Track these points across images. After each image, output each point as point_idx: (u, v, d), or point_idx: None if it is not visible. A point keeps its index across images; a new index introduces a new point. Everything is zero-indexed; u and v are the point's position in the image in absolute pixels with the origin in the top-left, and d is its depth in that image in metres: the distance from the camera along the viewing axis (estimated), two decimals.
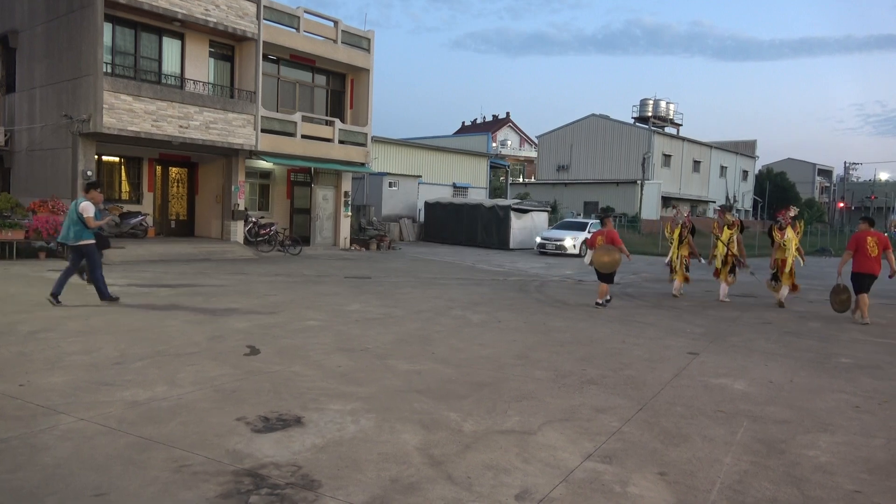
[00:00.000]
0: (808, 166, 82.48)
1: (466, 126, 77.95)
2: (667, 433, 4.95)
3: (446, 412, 5.20)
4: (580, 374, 6.65)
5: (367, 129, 23.43)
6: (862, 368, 7.45)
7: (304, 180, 23.32)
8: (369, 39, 23.25)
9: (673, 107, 56.72)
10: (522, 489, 3.84)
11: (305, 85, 22.74)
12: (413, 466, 4.10)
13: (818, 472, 4.31)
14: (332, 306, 10.39)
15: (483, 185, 35.88)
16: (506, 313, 10.44)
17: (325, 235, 23.30)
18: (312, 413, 5.02)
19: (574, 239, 24.47)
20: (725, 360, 7.65)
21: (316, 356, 6.90)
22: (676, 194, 51.81)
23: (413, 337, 8.19)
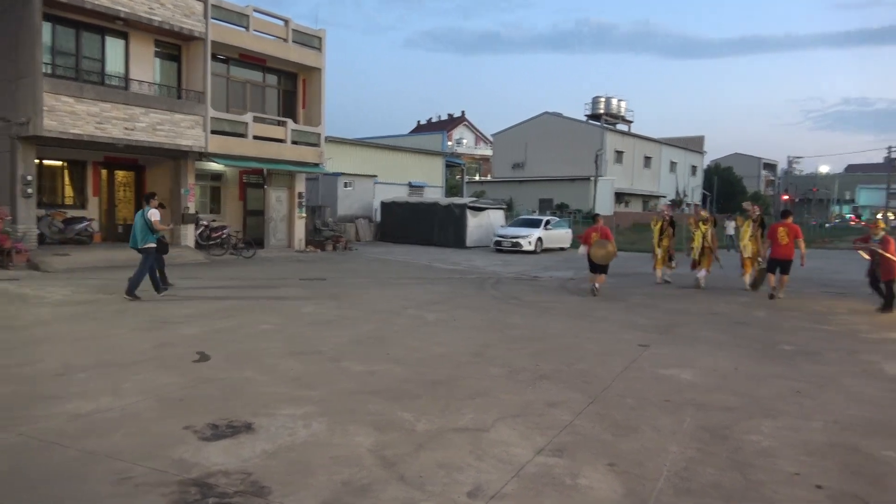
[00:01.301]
0: (754, 161, 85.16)
1: (422, 125, 77.88)
2: (617, 425, 5.04)
3: (400, 412, 5.19)
4: (534, 369, 6.71)
5: (320, 129, 23.18)
6: (803, 355, 7.73)
7: (256, 182, 22.93)
8: (321, 38, 22.99)
9: (624, 104, 57.84)
10: (475, 486, 3.86)
11: (256, 85, 22.36)
12: (365, 468, 4.08)
13: (760, 456, 4.45)
14: (286, 309, 10.26)
15: (439, 184, 35.90)
16: (462, 311, 10.48)
17: (279, 237, 22.97)
18: (263, 419, 4.94)
19: (530, 236, 24.70)
20: (674, 351, 7.83)
21: (268, 361, 6.80)
22: (629, 190, 52.84)
23: (368, 338, 8.15)
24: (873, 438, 4.85)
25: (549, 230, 25.80)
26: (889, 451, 4.59)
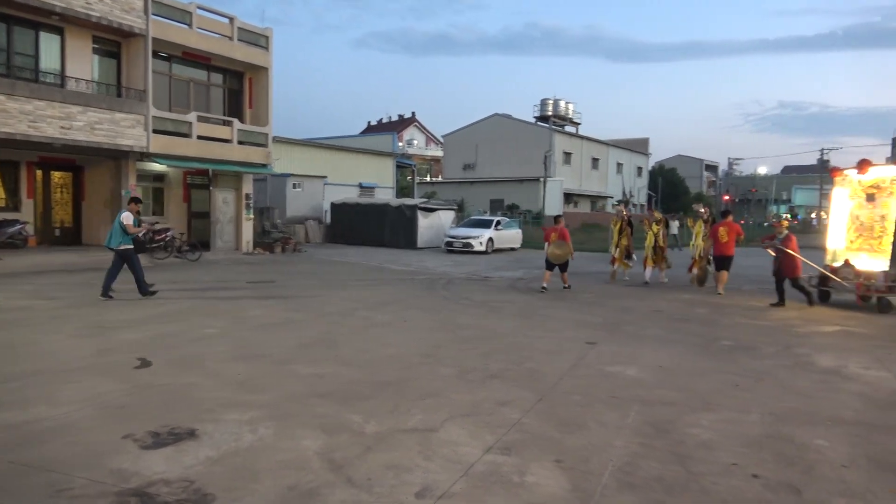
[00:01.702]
0: (697, 162, 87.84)
1: (372, 126, 77.50)
2: (564, 422, 5.12)
3: (349, 415, 5.15)
4: (484, 369, 6.76)
5: (267, 129, 22.80)
6: (741, 349, 8.02)
7: (201, 183, 22.40)
8: (268, 37, 22.63)
9: (572, 106, 58.79)
10: (423, 486, 3.87)
11: (200, 84, 21.84)
12: (313, 472, 4.03)
13: (700, 448, 4.60)
14: (232, 313, 10.05)
15: (390, 185, 35.78)
16: (412, 312, 10.47)
17: (226, 240, 22.48)
18: (207, 425, 4.83)
19: (481, 236, 24.85)
20: (620, 348, 8.01)
21: (212, 365, 6.65)
22: (577, 191, 53.77)
23: (317, 340, 8.06)
24: (806, 428, 5.07)
25: (499, 231, 26.01)
26: (820, 440, 4.80)
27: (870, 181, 12.14)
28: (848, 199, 12.64)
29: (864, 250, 12.14)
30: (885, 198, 11.84)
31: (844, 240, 12.61)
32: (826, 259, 12.77)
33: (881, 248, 11.76)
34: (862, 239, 12.27)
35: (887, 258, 11.44)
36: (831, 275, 12.05)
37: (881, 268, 11.48)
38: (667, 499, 3.78)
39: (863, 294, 11.53)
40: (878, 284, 11.30)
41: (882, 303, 11.33)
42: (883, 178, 11.93)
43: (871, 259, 11.87)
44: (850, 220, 12.60)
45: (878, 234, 11.93)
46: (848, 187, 12.65)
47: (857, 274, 11.68)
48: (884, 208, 11.87)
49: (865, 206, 12.24)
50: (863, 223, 12.31)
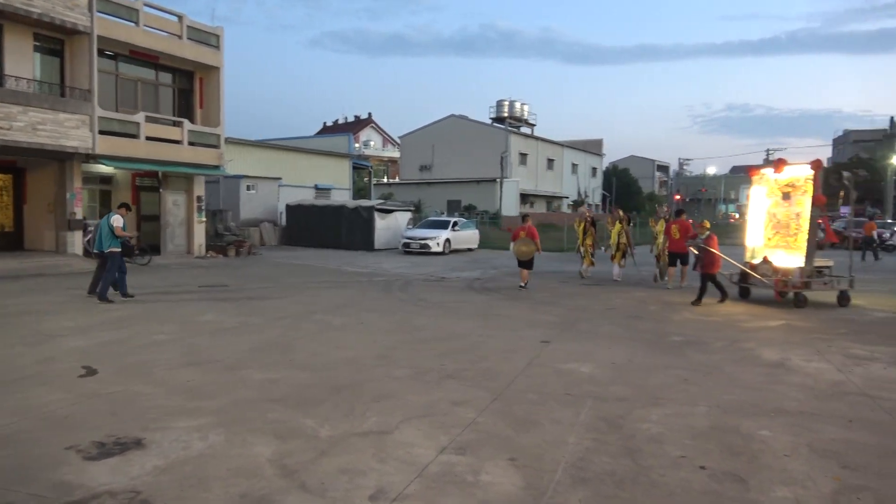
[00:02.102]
0: (649, 163, 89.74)
1: (328, 127, 76.78)
2: (518, 420, 5.17)
3: (302, 419, 5.09)
4: (439, 369, 6.77)
5: (219, 129, 22.36)
6: (690, 344, 8.22)
7: (151, 185, 21.81)
8: (218, 36, 22.19)
9: (527, 108, 59.36)
10: (377, 489, 3.85)
11: (149, 83, 21.27)
12: (265, 479, 3.97)
13: (650, 442, 4.70)
14: (183, 318, 9.82)
15: (346, 187, 35.49)
16: (369, 314, 10.41)
17: (177, 243, 21.95)
18: (155, 433, 4.70)
19: (438, 237, 24.88)
20: (574, 346, 8.12)
21: (161, 372, 6.49)
22: (533, 191, 54.32)
23: (270, 345, 7.94)
24: (750, 419, 5.23)
25: (456, 231, 26.10)
26: (764, 431, 4.96)
27: (785, 180, 12.50)
28: (765, 198, 13.03)
29: (780, 247, 12.52)
30: (799, 196, 12.19)
31: (762, 237, 12.99)
32: (746, 256, 13.10)
33: (797, 244, 12.12)
34: (779, 236, 12.66)
35: (803, 255, 11.79)
36: (751, 272, 12.34)
37: (797, 264, 11.81)
38: (618, 492, 3.85)
39: (780, 290, 11.90)
40: (794, 280, 11.63)
41: (798, 298, 11.65)
42: (798, 177, 12.27)
43: (787, 256, 12.23)
44: (767, 217, 12.97)
45: (793, 231, 12.30)
46: (765, 186, 13.04)
47: (774, 270, 11.98)
48: (798, 206, 12.21)
49: (782, 204, 12.59)
50: (779, 221, 12.66)
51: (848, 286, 11.93)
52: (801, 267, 11.69)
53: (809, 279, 11.59)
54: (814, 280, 11.66)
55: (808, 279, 11.57)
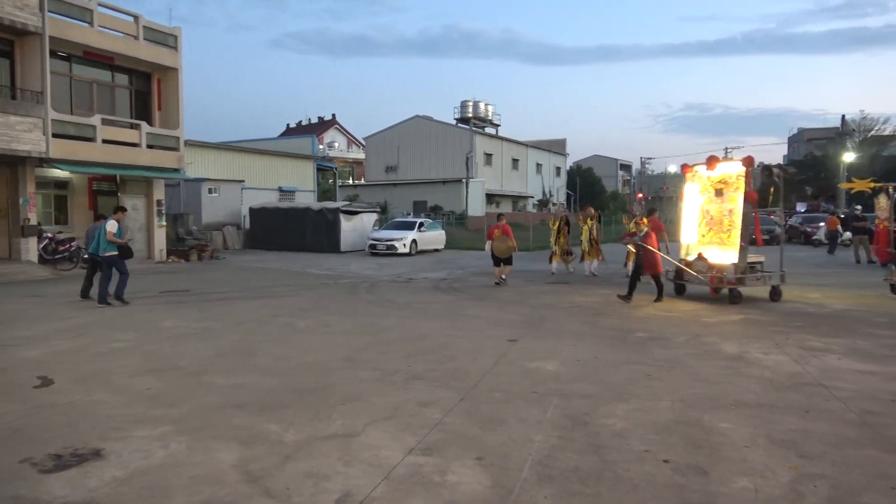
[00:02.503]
0: (612, 162, 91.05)
1: (291, 128, 76.02)
2: (485, 419, 5.18)
3: (267, 424, 5.02)
4: (406, 371, 6.75)
5: (178, 132, 21.95)
6: (653, 340, 8.36)
7: (108, 189, 21.30)
8: (176, 36, 21.79)
9: (491, 108, 59.67)
10: (343, 493, 3.81)
11: (104, 85, 20.77)
12: (229, 486, 3.91)
13: (615, 438, 4.76)
14: (143, 324, 9.61)
15: (311, 188, 35.19)
16: (334, 317, 10.33)
17: (136, 248, 21.25)
18: (114, 443, 4.59)
19: (405, 238, 24.82)
20: (540, 344, 8.18)
21: (121, 380, 6.33)
22: (499, 191, 54.62)
23: (234, 350, 7.82)
24: (712, 412, 5.33)
25: (423, 232, 26.08)
26: (725, 423, 5.06)
27: (718, 177, 12.48)
28: (698, 195, 13.03)
29: (714, 244, 12.51)
30: (731, 193, 12.19)
31: (696, 234, 12.99)
32: (681, 253, 13.12)
33: (730, 241, 12.13)
34: (712, 233, 12.64)
35: (736, 251, 11.83)
36: (686, 268, 12.34)
37: (731, 260, 11.83)
38: (583, 488, 3.89)
39: (716, 286, 11.94)
40: (729, 277, 11.63)
41: (733, 294, 11.65)
42: (730, 174, 12.27)
43: (721, 252, 12.24)
44: (700, 214, 12.94)
45: (727, 227, 12.29)
46: (698, 183, 13.04)
47: (710, 267, 11.99)
48: (731, 203, 12.20)
49: (714, 200, 12.59)
50: (713, 217, 12.64)
51: (780, 281, 12.06)
52: (735, 263, 11.71)
53: (743, 275, 11.65)
54: (748, 276, 11.74)
55: (743, 275, 11.63)
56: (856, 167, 42.86)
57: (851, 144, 46.66)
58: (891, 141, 50.80)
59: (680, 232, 13.52)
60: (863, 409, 5.38)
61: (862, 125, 50.45)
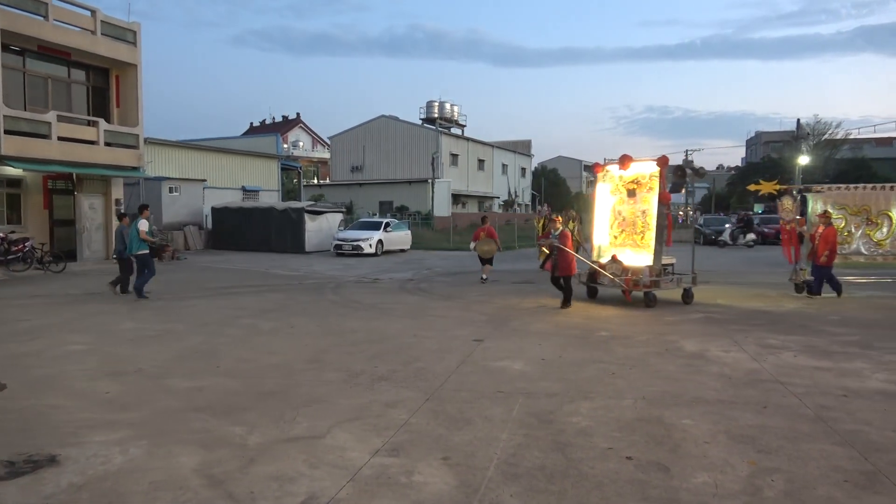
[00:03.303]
0: (576, 163, 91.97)
1: (255, 127, 74.95)
2: (451, 419, 5.19)
3: (230, 427, 4.94)
4: (372, 371, 6.72)
5: (138, 129, 21.44)
6: (617, 339, 8.48)
7: (65, 188, 20.70)
8: (135, 32, 21.28)
9: (457, 109, 59.77)
10: (308, 495, 3.78)
11: (60, 80, 20.17)
12: (190, 490, 3.83)
13: (580, 435, 4.81)
14: (102, 326, 9.37)
15: (275, 188, 34.74)
16: (299, 318, 10.22)
17: (94, 249, 20.91)
18: (71, 449, 4.46)
19: (370, 238, 24.69)
20: (506, 343, 8.23)
21: (78, 384, 6.16)
22: (465, 192, 54.74)
23: (195, 352, 7.68)
24: (673, 409, 5.43)
25: (389, 232, 25.98)
26: (686, 420, 5.17)
27: (630, 176, 12.09)
28: (610, 195, 12.61)
29: (627, 245, 12.14)
30: (644, 193, 11.83)
31: (609, 235, 12.61)
32: (593, 255, 12.82)
33: (644, 243, 11.83)
34: (625, 234, 12.26)
35: (650, 253, 11.57)
36: (601, 270, 11.90)
37: (645, 263, 11.58)
38: (548, 486, 3.92)
39: (631, 289, 11.59)
40: (644, 279, 11.33)
41: (649, 297, 11.38)
42: (643, 174, 11.90)
43: (634, 254, 11.92)
44: (613, 215, 12.52)
45: (640, 229, 11.93)
46: (610, 183, 12.63)
47: (624, 269, 11.59)
48: (644, 203, 11.85)
49: (627, 201, 12.17)
50: (625, 218, 12.22)
51: (691, 283, 11.94)
52: (649, 266, 11.44)
53: (658, 278, 11.42)
54: (662, 279, 11.53)
55: (658, 278, 11.41)
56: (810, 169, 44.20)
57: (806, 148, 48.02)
58: (843, 145, 52.49)
59: (592, 233, 13.15)
60: (817, 405, 5.55)
61: (816, 129, 52.04)
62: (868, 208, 13.28)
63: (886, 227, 13.23)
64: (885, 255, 13.33)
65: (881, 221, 13.24)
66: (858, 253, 13.31)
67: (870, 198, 13.40)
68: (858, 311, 10.97)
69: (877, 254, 13.33)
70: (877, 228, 13.26)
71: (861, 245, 13.27)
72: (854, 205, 13.37)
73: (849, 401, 5.68)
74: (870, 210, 13.27)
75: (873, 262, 13.45)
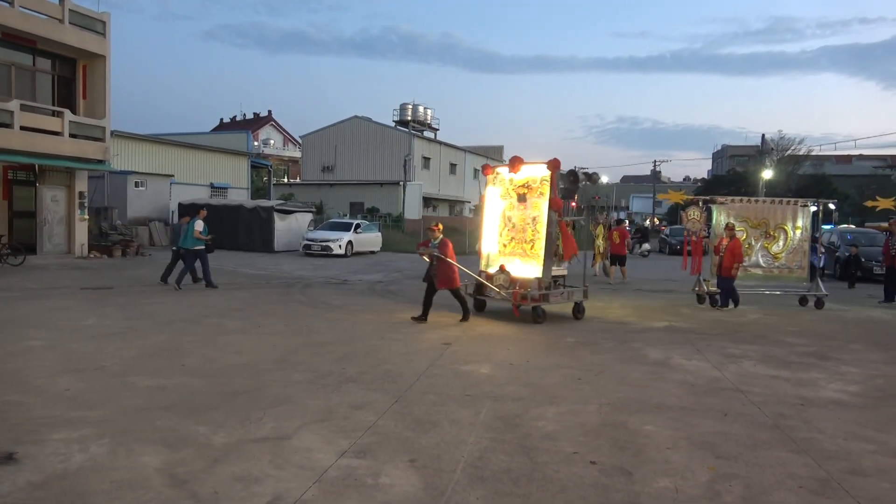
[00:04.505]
0: None
1: (225, 123, 73.98)
2: (418, 421, 5.21)
3: (194, 427, 4.88)
4: (339, 373, 6.70)
5: (104, 121, 20.99)
6: (583, 345, 8.59)
7: (26, 179, 20.16)
8: (104, 22, 20.84)
9: (430, 112, 59.84)
10: (274, 496, 3.76)
11: (25, 69, 19.65)
12: (153, 490, 3.78)
13: (545, 440, 4.87)
14: (62, 322, 9.16)
15: (244, 186, 34.34)
16: (266, 318, 10.13)
17: (56, 242, 20.41)
18: (29, 447, 4.36)
19: (340, 239, 24.56)
20: (474, 347, 8.27)
21: (37, 381, 6.02)
22: (436, 195, 54.78)
23: (160, 350, 7.55)
24: (637, 415, 5.53)
25: (359, 234, 25.89)
26: (649, 426, 5.27)
27: (521, 180, 11.10)
28: (499, 199, 11.55)
29: (517, 255, 11.06)
30: (535, 198, 10.83)
31: (498, 243, 11.47)
32: (480, 265, 11.66)
33: (534, 252, 10.78)
34: (515, 242, 11.14)
35: (540, 264, 10.56)
36: (487, 282, 10.91)
37: (534, 274, 10.54)
38: (514, 489, 3.97)
39: (519, 303, 10.45)
40: (533, 293, 10.27)
41: (537, 312, 10.31)
42: (534, 178, 10.90)
43: (524, 264, 10.89)
44: (502, 221, 11.43)
45: (530, 237, 10.86)
46: (500, 186, 11.58)
47: (512, 281, 10.60)
48: (535, 210, 10.82)
49: (517, 206, 11.13)
50: (515, 225, 11.16)
51: (583, 297, 11.12)
52: (538, 278, 10.43)
53: (548, 291, 10.48)
54: (552, 292, 10.59)
55: (547, 291, 10.46)
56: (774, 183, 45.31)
57: (770, 162, 49.24)
58: (805, 161, 53.93)
59: (480, 241, 11.95)
60: (775, 413, 5.71)
61: (780, 144, 53.34)
62: (767, 221, 13.44)
63: (783, 240, 13.46)
64: (781, 268, 13.51)
65: (778, 235, 13.45)
66: (757, 265, 13.43)
67: (769, 211, 13.58)
68: (816, 323, 11.30)
69: (773, 266, 13.50)
70: (774, 241, 13.46)
71: (760, 258, 13.44)
72: (755, 218, 13.47)
73: (805, 409, 5.86)
74: (768, 223, 13.44)
75: (770, 275, 13.53)
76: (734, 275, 12.39)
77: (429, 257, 10.47)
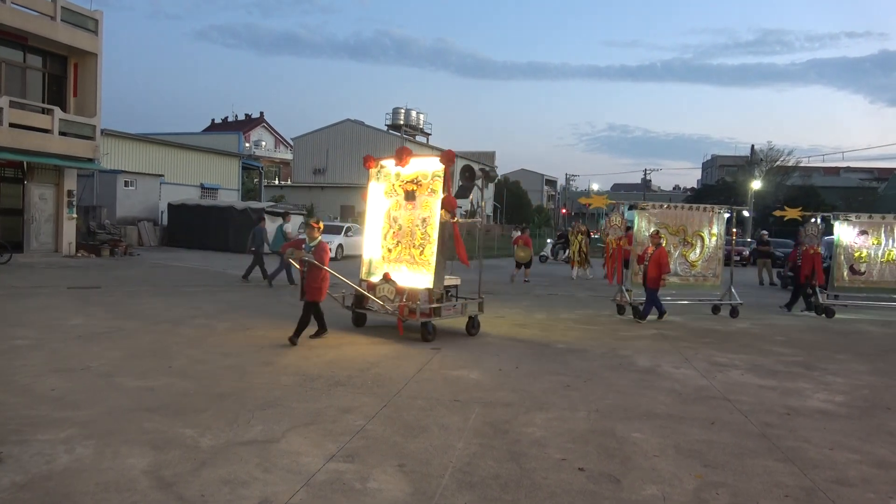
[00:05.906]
0: (538, 177, 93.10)
1: (217, 124, 73.71)
2: (407, 426, 5.20)
3: (181, 429, 4.85)
4: (328, 376, 6.68)
5: (95, 120, 20.88)
6: (572, 352, 8.61)
7: (14, 176, 19.99)
8: (97, 20, 20.76)
9: (423, 117, 59.90)
10: (261, 499, 3.74)
11: (15, 65, 19.52)
12: (139, 492, 3.75)
13: (534, 446, 4.88)
14: (48, 321, 9.07)
15: (235, 187, 34.22)
16: (255, 320, 10.08)
17: (43, 241, 20.24)
18: (13, 447, 4.31)
19: (330, 242, 24.47)
20: (463, 353, 8.27)
21: (22, 380, 5.96)
22: None
23: (147, 351, 7.50)
24: (625, 423, 5.55)
25: (349, 237, 25.84)
26: (637, 433, 5.28)
27: (410, 175, 9.64)
28: (384, 197, 10.00)
29: (404, 261, 9.54)
30: (426, 196, 9.38)
31: (382, 248, 9.90)
32: (361, 272, 10.10)
33: (423, 258, 9.26)
34: (401, 247, 9.61)
35: (431, 272, 9.09)
36: (368, 293, 9.45)
37: (424, 284, 9.06)
38: (502, 495, 3.97)
39: (405, 318, 8.95)
40: (422, 306, 8.81)
41: (426, 329, 8.97)
42: (424, 173, 9.49)
43: (411, 273, 9.37)
44: (387, 222, 9.86)
45: (419, 241, 9.35)
46: (384, 182, 10.06)
47: (398, 292, 9.11)
48: (425, 210, 9.35)
49: (404, 205, 9.64)
50: (402, 227, 9.63)
51: (478, 310, 9.87)
52: (429, 288, 8.98)
53: (440, 304, 9.07)
54: (444, 305, 9.19)
55: (439, 304, 9.06)
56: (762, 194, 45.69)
57: (759, 173, 49.65)
58: (793, 172, 54.42)
59: (361, 245, 10.67)
60: (762, 422, 5.74)
61: (769, 155, 53.83)
62: (685, 228, 13.06)
63: (699, 247, 13.08)
64: (697, 276, 13.14)
65: (695, 242, 13.08)
66: (675, 274, 12.78)
67: (687, 218, 13.17)
68: (803, 332, 11.38)
69: (689, 275, 13.09)
70: (691, 249, 13.06)
71: (678, 266, 12.90)
72: (674, 224, 12.93)
73: (791, 419, 5.90)
74: (686, 230, 13.07)
75: (686, 283, 13.08)
76: (658, 284, 11.72)
77: (299, 263, 8.71)
